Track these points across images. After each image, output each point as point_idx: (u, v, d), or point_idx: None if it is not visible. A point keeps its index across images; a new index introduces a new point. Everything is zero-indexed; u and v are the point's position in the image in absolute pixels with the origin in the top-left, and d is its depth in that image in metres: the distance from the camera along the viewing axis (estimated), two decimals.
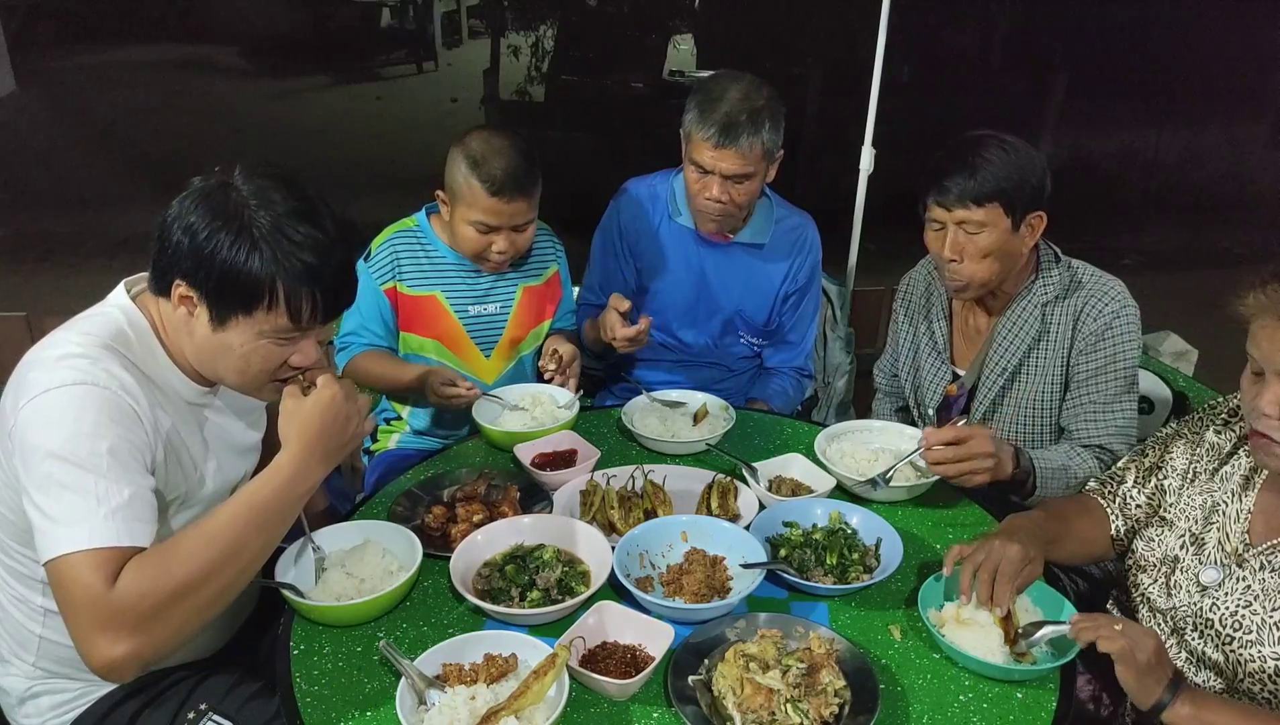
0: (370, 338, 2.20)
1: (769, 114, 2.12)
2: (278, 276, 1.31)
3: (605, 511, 1.72)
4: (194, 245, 1.30)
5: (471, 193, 2.02)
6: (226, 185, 1.34)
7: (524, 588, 1.50)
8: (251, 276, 1.30)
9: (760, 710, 1.24)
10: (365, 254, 2.20)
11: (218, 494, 1.51)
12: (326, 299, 1.37)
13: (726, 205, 2.20)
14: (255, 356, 1.38)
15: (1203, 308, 2.72)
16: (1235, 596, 1.41)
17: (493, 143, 2.02)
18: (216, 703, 1.48)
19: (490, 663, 1.32)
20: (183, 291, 1.34)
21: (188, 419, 1.46)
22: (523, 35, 9.10)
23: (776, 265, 2.41)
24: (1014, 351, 1.98)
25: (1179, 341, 2.91)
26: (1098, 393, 1.93)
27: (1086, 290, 1.94)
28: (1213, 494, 1.52)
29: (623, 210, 2.44)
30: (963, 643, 1.39)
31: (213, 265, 1.30)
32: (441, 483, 1.84)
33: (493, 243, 2.09)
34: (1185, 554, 1.51)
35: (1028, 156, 1.85)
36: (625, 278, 2.47)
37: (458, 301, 2.22)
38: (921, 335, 2.19)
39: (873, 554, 1.62)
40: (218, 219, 1.31)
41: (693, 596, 1.49)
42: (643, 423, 2.05)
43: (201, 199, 1.33)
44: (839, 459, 1.89)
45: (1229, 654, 1.40)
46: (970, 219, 1.84)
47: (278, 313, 1.33)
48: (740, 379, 2.55)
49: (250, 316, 1.34)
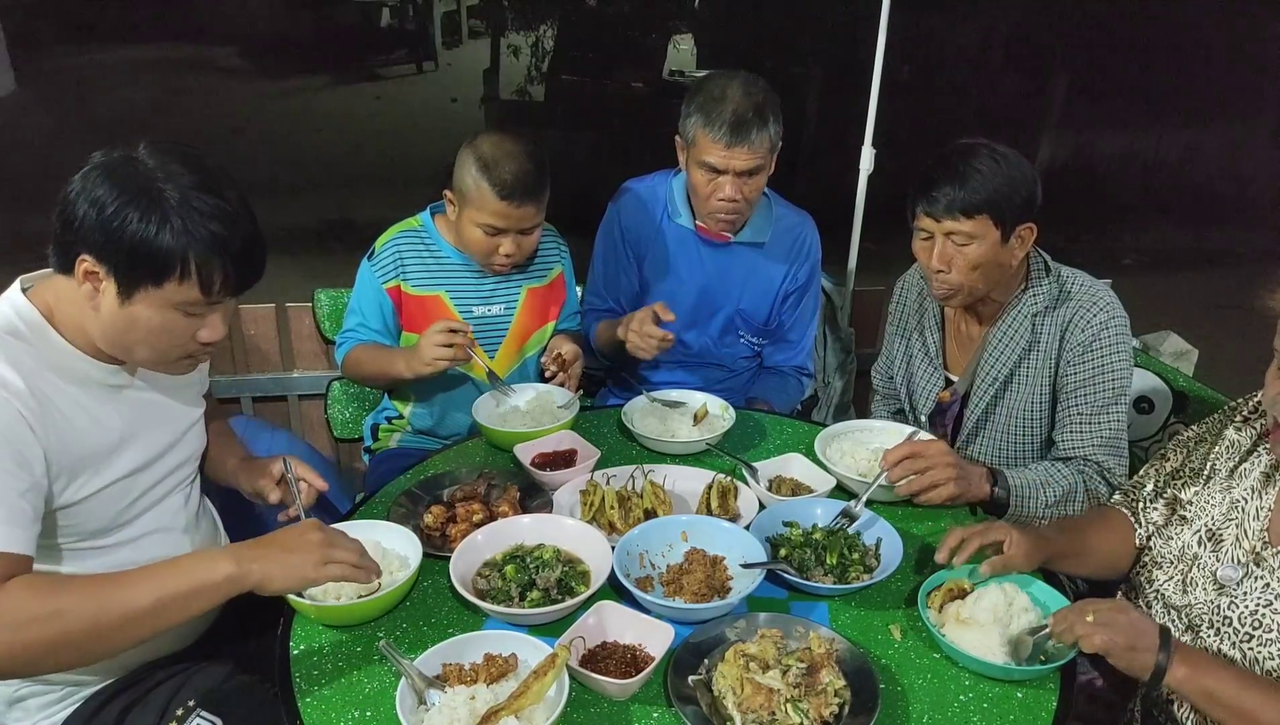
0: (369, 335, 2.21)
1: (770, 107, 2.14)
2: (189, 248, 1.31)
3: (605, 511, 1.72)
4: (102, 218, 1.29)
5: (481, 195, 2.02)
6: (131, 158, 1.33)
7: (524, 588, 1.50)
8: (163, 248, 1.30)
9: (760, 710, 1.24)
10: (369, 252, 2.21)
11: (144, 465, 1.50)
12: (237, 269, 1.36)
13: (740, 203, 2.21)
14: (164, 329, 1.37)
15: (1203, 308, 2.72)
16: (1255, 595, 1.40)
17: (504, 146, 2.02)
18: (204, 699, 1.48)
19: (490, 663, 1.32)
20: (88, 266, 1.32)
21: (100, 399, 1.45)
22: (523, 35, 9.10)
23: (776, 264, 2.41)
24: (1005, 361, 1.97)
25: (1179, 341, 2.90)
26: (1085, 404, 1.91)
27: (1075, 301, 1.92)
28: (1231, 492, 1.51)
29: (623, 211, 2.45)
30: (963, 643, 1.39)
31: (122, 238, 1.29)
32: (441, 483, 1.84)
33: (500, 246, 2.09)
34: (1203, 551, 1.51)
35: (1018, 167, 1.83)
36: (629, 279, 2.47)
37: (462, 302, 2.22)
38: (914, 341, 2.19)
39: (873, 554, 1.62)
40: (126, 192, 1.29)
41: (693, 596, 1.49)
42: (643, 423, 2.05)
43: (107, 173, 1.31)
44: (839, 459, 1.89)
45: (1246, 651, 1.39)
46: (959, 230, 1.82)
47: (189, 284, 1.33)
48: (740, 379, 2.55)
49: (160, 288, 1.33)
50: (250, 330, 2.70)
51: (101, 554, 1.47)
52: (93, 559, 1.46)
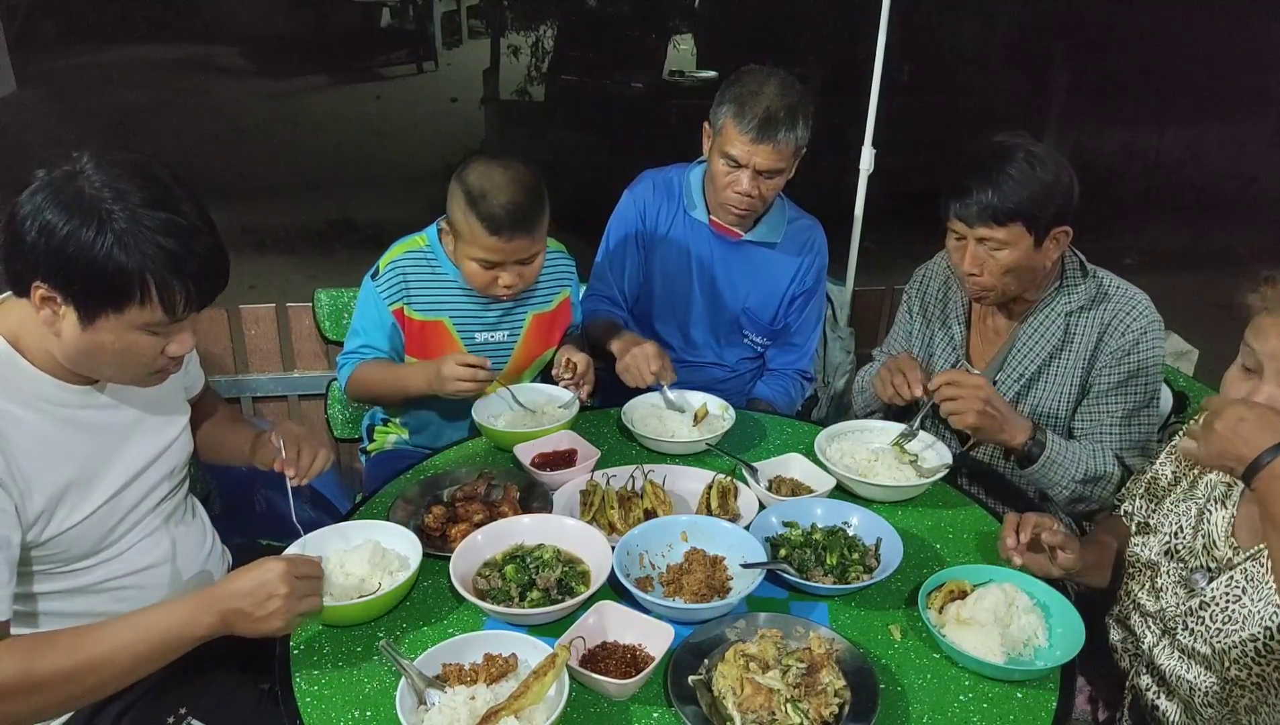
0: (374, 354, 2.14)
1: (802, 111, 2.14)
2: (146, 270, 1.25)
3: (605, 511, 1.72)
4: (51, 246, 1.23)
5: (471, 230, 1.94)
6: (75, 175, 1.26)
7: (524, 588, 1.50)
8: (119, 273, 1.24)
9: (760, 710, 1.24)
10: (373, 271, 2.14)
11: (126, 485, 1.48)
12: (199, 286, 1.31)
13: (754, 200, 2.21)
14: (130, 351, 1.33)
15: (1203, 307, 2.71)
16: (1222, 592, 1.41)
17: (493, 177, 1.91)
18: (197, 707, 1.47)
19: (490, 663, 1.32)
20: (44, 293, 1.27)
21: (71, 429, 1.40)
22: (523, 35, 9.10)
23: (786, 265, 2.42)
24: (1034, 358, 1.97)
25: (1179, 341, 2.90)
26: (1118, 406, 1.92)
27: (1114, 302, 1.92)
28: (1197, 501, 1.52)
29: (641, 199, 2.44)
30: (963, 643, 1.39)
31: (75, 265, 1.23)
32: (441, 483, 1.84)
33: (498, 278, 2.01)
34: (1169, 560, 1.52)
35: (1054, 170, 1.80)
36: (635, 267, 2.46)
37: (465, 328, 2.16)
38: (937, 331, 2.17)
39: (873, 554, 1.62)
40: (74, 216, 1.23)
41: (693, 596, 1.49)
42: (643, 423, 2.05)
43: (53, 194, 1.24)
44: (839, 459, 1.89)
45: (1215, 645, 1.40)
46: (992, 236, 1.82)
47: (150, 307, 1.28)
48: (741, 379, 2.55)
49: (121, 313, 1.28)
50: (250, 330, 2.70)
51: (87, 572, 1.46)
52: (79, 577, 1.45)
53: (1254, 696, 1.37)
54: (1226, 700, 1.41)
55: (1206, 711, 1.43)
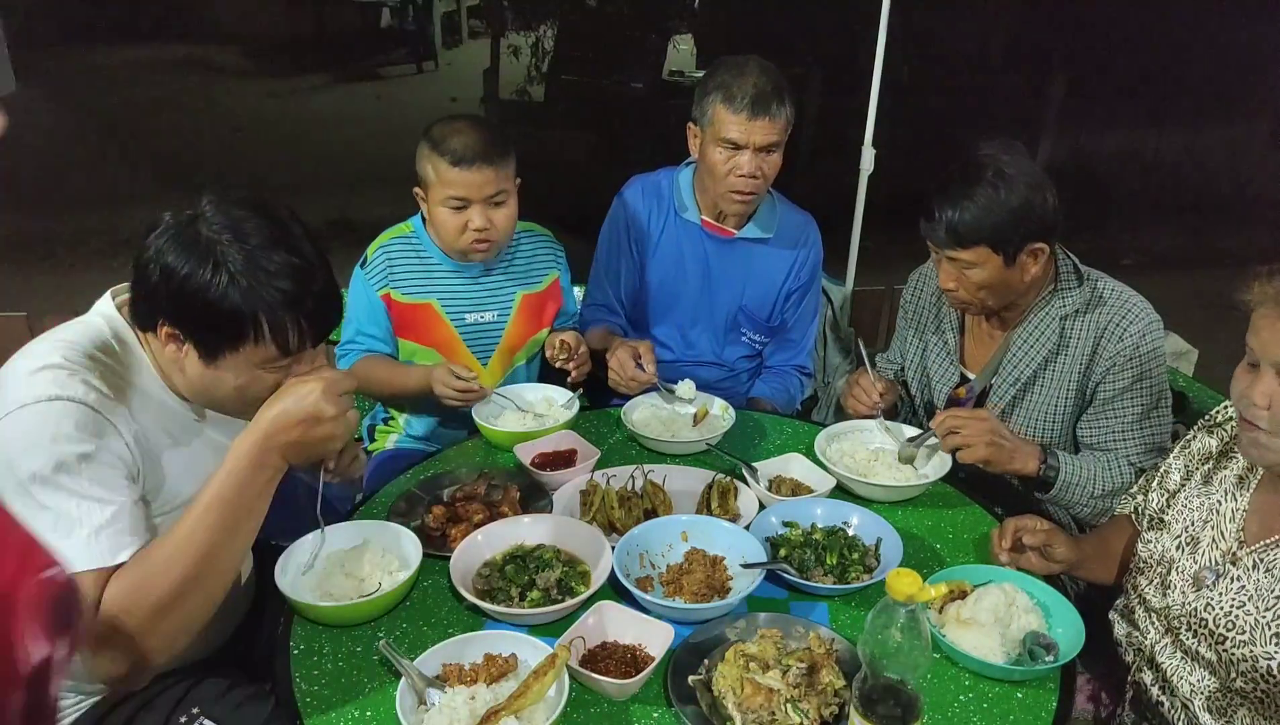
0: (369, 343, 2.18)
1: (785, 89, 2.19)
2: (259, 310, 1.30)
3: (605, 511, 1.72)
4: (171, 288, 1.30)
5: (437, 171, 2.02)
6: (195, 217, 1.32)
7: (524, 588, 1.50)
8: (233, 313, 1.30)
9: (760, 710, 1.24)
10: (362, 260, 2.18)
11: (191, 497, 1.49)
12: (312, 324, 1.36)
13: (758, 180, 2.22)
14: (251, 387, 1.38)
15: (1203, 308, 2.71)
16: (1229, 596, 1.41)
17: (452, 123, 2.05)
18: (208, 707, 1.47)
19: (490, 663, 1.32)
20: (168, 331, 1.34)
21: (177, 432, 1.45)
22: (523, 35, 9.09)
23: (781, 260, 2.42)
24: (1029, 363, 1.96)
25: (1179, 341, 2.90)
26: (1128, 411, 1.91)
27: (1110, 306, 1.91)
28: (1210, 496, 1.52)
29: (629, 205, 2.44)
30: (963, 643, 1.39)
31: (193, 306, 1.30)
32: (441, 483, 1.84)
33: (468, 220, 2.05)
34: (1180, 555, 1.52)
35: (1025, 190, 1.79)
36: (629, 273, 2.47)
37: (453, 309, 2.19)
38: (931, 337, 2.17)
39: (873, 554, 1.62)
40: (192, 258, 1.29)
41: (693, 596, 1.49)
42: (643, 423, 2.05)
43: (174, 237, 1.31)
44: (839, 459, 1.89)
45: (1221, 654, 1.40)
46: (959, 257, 1.84)
47: (265, 345, 1.33)
48: (740, 379, 2.55)
49: (238, 352, 1.34)
50: None
51: None
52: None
53: (1255, 711, 1.37)
54: (1225, 710, 1.41)
55: (1204, 716, 1.43)
